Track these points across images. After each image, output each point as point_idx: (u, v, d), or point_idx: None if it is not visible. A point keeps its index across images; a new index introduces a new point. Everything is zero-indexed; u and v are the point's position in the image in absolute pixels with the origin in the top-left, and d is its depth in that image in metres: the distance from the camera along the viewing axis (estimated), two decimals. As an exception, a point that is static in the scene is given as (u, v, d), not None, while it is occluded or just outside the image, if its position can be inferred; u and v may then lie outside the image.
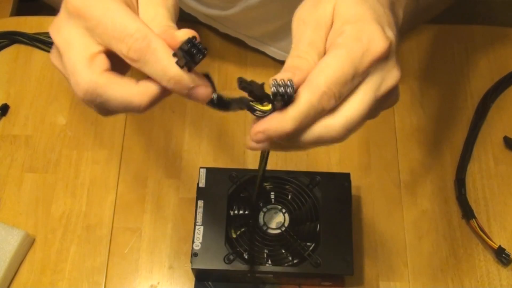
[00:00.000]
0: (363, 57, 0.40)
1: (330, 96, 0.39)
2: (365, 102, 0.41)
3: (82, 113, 0.80)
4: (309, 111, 0.39)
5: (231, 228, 0.67)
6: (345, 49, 0.40)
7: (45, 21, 0.86)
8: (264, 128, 0.40)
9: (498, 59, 0.84)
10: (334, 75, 0.39)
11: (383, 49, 0.41)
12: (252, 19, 0.76)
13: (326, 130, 0.40)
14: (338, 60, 0.40)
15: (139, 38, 0.39)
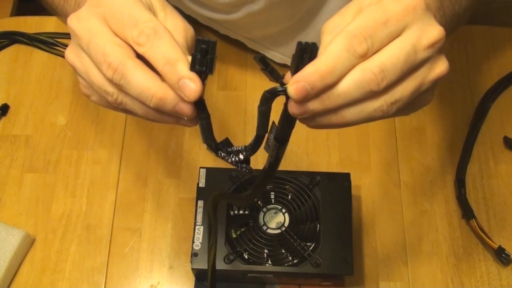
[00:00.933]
0: (395, 5, 0.39)
1: (360, 39, 0.38)
2: (402, 49, 0.39)
3: (82, 113, 0.80)
4: (341, 53, 0.38)
5: (231, 228, 0.67)
6: (374, 5, 0.39)
7: (45, 21, 0.86)
8: (299, 78, 0.37)
9: (498, 59, 0.84)
10: (364, 19, 0.38)
11: (439, 34, 0.40)
12: (254, 23, 0.77)
13: (363, 74, 0.38)
14: (369, 11, 0.39)
15: (150, 26, 0.41)
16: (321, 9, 0.73)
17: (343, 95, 0.38)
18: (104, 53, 0.41)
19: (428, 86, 0.42)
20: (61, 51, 0.83)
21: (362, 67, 0.38)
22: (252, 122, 0.79)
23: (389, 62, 0.38)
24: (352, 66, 0.38)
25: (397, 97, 0.40)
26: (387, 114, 0.41)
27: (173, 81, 0.40)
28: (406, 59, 0.39)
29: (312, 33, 0.76)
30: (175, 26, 0.44)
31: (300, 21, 0.75)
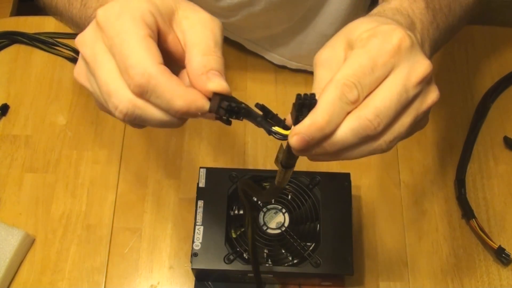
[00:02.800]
0: (380, 49, 0.40)
1: (350, 86, 0.39)
2: (394, 90, 0.40)
3: (82, 113, 0.80)
4: (334, 102, 0.39)
5: (231, 228, 0.67)
6: (360, 49, 0.40)
7: (45, 21, 0.86)
8: (298, 130, 0.39)
9: (498, 59, 0.84)
10: (351, 68, 0.39)
11: (401, 36, 0.40)
12: (253, 25, 0.77)
13: (358, 122, 0.39)
14: (354, 57, 0.40)
15: (139, 73, 0.38)
16: (320, 10, 0.73)
17: (342, 141, 0.40)
18: (108, 92, 0.40)
19: (423, 116, 0.43)
20: (61, 51, 0.84)
21: (357, 115, 0.39)
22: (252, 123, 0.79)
23: (382, 106, 0.39)
24: (346, 112, 0.39)
25: (395, 135, 0.41)
26: (387, 150, 0.42)
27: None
28: (398, 99, 0.40)
29: (311, 34, 0.76)
30: (201, 20, 0.42)
31: (299, 22, 0.75)
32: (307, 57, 0.80)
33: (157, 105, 0.39)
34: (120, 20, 0.39)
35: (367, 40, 0.40)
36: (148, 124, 0.41)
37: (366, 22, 0.42)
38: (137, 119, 0.40)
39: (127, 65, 0.38)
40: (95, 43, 0.40)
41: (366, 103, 0.40)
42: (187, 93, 0.39)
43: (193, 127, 0.79)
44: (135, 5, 0.40)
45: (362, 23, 0.42)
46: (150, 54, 0.39)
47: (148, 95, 0.39)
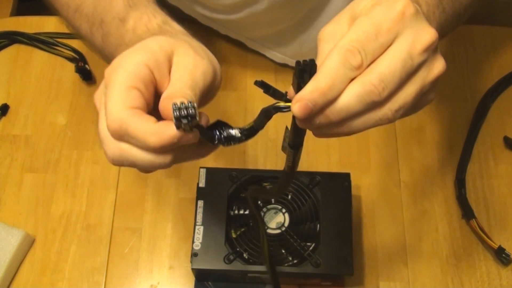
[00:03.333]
0: (384, 15, 0.39)
1: (354, 52, 0.39)
2: (398, 56, 0.39)
3: (82, 113, 0.80)
4: (337, 67, 0.39)
5: (231, 228, 0.67)
6: (364, 16, 0.40)
7: (45, 21, 0.86)
8: (300, 96, 0.38)
9: (498, 59, 0.84)
10: (355, 34, 0.39)
11: (405, 4, 0.40)
12: (255, 23, 0.76)
13: (363, 87, 0.39)
14: (358, 24, 0.40)
15: (112, 119, 0.40)
16: (323, 9, 0.73)
17: (346, 108, 0.39)
18: (101, 140, 0.42)
19: (429, 86, 0.42)
20: (61, 51, 0.84)
21: (362, 80, 0.39)
22: (252, 122, 0.79)
23: (387, 71, 0.39)
24: (349, 79, 0.39)
25: (401, 103, 0.41)
26: (393, 120, 0.41)
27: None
28: (403, 65, 0.40)
29: (314, 33, 0.76)
30: (185, 65, 0.43)
31: (301, 21, 0.75)
32: (309, 56, 0.80)
33: (136, 146, 0.41)
34: (114, 73, 0.42)
35: (371, 8, 0.40)
36: (138, 167, 0.42)
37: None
38: (125, 162, 0.42)
39: (106, 113, 0.41)
40: (101, 97, 0.43)
41: (370, 69, 0.39)
42: (156, 126, 0.40)
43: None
44: (131, 59, 0.42)
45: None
46: (123, 101, 0.40)
47: (125, 138, 0.40)
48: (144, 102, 0.41)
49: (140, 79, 0.41)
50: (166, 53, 0.43)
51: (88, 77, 0.81)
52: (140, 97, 0.41)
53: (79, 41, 0.84)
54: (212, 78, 0.44)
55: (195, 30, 0.48)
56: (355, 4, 0.42)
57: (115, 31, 0.51)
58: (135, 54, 0.43)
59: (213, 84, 0.45)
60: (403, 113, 0.41)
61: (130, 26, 0.49)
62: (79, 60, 0.82)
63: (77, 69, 0.81)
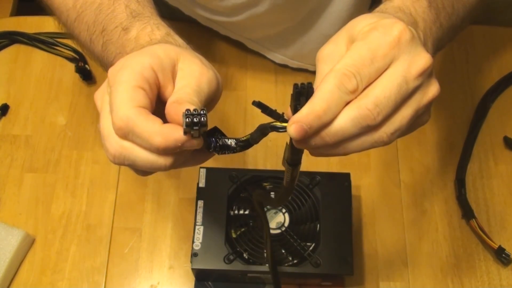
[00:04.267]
0: (380, 40, 0.40)
1: (349, 76, 0.39)
2: (394, 81, 0.40)
3: (82, 113, 0.80)
4: (332, 91, 0.39)
5: (231, 228, 0.67)
6: (360, 41, 0.41)
7: (45, 21, 0.86)
8: (296, 119, 0.39)
9: (498, 59, 0.84)
10: (351, 58, 0.40)
11: (401, 29, 0.40)
12: (256, 24, 0.77)
13: (358, 111, 0.39)
14: (355, 49, 0.40)
15: (118, 117, 0.41)
16: (323, 11, 0.73)
17: (341, 131, 0.40)
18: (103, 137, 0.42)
19: (424, 109, 0.43)
20: (61, 51, 0.83)
21: (357, 105, 0.40)
22: (252, 122, 0.79)
23: (382, 96, 0.39)
24: (345, 102, 0.40)
25: (396, 127, 0.41)
26: (388, 142, 0.42)
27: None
28: (398, 90, 0.40)
29: (314, 34, 0.76)
30: (191, 72, 0.44)
31: (302, 23, 0.76)
32: (309, 57, 0.80)
33: (139, 145, 0.41)
34: (120, 72, 0.42)
35: (368, 32, 0.41)
36: (138, 167, 0.43)
37: (368, 18, 0.43)
38: (126, 161, 0.42)
39: (112, 111, 0.41)
40: (103, 95, 0.44)
41: (366, 93, 0.40)
42: (163, 128, 0.40)
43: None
44: (137, 60, 0.43)
45: (364, 19, 0.43)
46: (130, 100, 0.41)
47: (130, 136, 0.41)
48: (149, 102, 0.42)
49: (146, 79, 0.42)
50: (171, 59, 0.44)
51: (88, 77, 0.81)
52: (146, 97, 0.42)
53: (79, 41, 0.84)
54: (216, 88, 0.45)
55: (196, 31, 0.48)
56: (353, 24, 0.43)
57: (116, 40, 0.51)
58: (141, 56, 0.43)
59: (216, 94, 0.46)
60: (398, 135, 0.42)
61: (133, 36, 0.50)
62: (79, 60, 0.82)
63: (77, 69, 0.81)
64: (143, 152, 0.41)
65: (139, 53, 0.44)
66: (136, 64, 0.42)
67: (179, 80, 0.44)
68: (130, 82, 0.42)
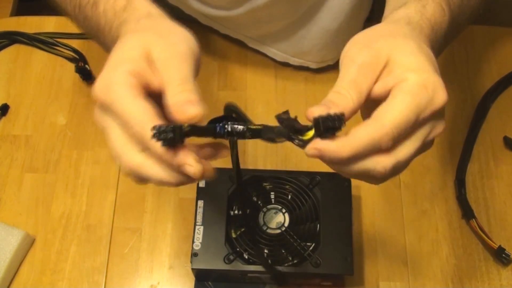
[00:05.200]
0: (427, 107, 0.42)
1: (390, 137, 0.41)
2: (415, 148, 0.43)
3: (82, 113, 0.80)
4: (368, 145, 0.41)
5: (231, 228, 0.67)
6: (411, 96, 0.41)
7: (45, 21, 0.86)
8: (322, 148, 0.41)
9: (498, 59, 0.84)
10: (399, 117, 0.41)
11: (444, 101, 0.42)
12: (255, 20, 0.76)
13: (375, 166, 0.42)
14: (405, 105, 0.41)
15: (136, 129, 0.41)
16: (323, 4, 0.73)
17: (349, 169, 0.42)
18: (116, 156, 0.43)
19: (428, 143, 0.45)
20: (61, 51, 0.84)
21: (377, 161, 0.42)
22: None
23: (403, 158, 0.42)
24: (368, 154, 0.41)
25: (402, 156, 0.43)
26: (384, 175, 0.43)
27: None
28: (416, 153, 0.43)
29: (315, 30, 0.76)
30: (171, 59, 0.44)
31: (302, 17, 0.75)
32: (310, 53, 0.80)
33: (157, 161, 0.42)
34: (111, 91, 0.42)
35: (418, 90, 0.41)
36: (151, 181, 0.43)
37: (412, 43, 0.44)
38: (143, 174, 0.43)
39: (128, 124, 0.41)
40: (102, 118, 0.44)
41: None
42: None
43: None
44: (117, 73, 0.43)
45: (407, 43, 0.44)
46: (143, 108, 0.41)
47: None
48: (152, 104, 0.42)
49: (137, 87, 0.42)
50: (144, 55, 0.44)
51: (88, 77, 0.81)
52: (149, 101, 0.42)
53: (79, 41, 0.84)
54: (194, 57, 0.45)
55: (195, 30, 0.48)
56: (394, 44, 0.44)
57: (91, 15, 0.52)
58: (117, 67, 0.43)
59: (197, 61, 0.46)
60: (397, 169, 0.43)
61: (101, 10, 0.50)
62: (79, 60, 0.82)
63: (77, 69, 0.81)
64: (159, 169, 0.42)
65: (113, 67, 0.43)
66: (120, 78, 0.42)
67: (161, 69, 0.44)
68: (129, 93, 0.42)
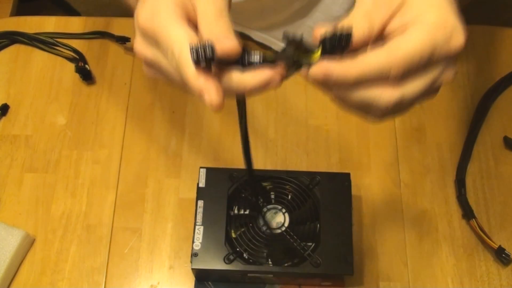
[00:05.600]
0: (443, 46, 0.41)
1: (401, 67, 0.40)
2: (423, 86, 0.41)
3: (82, 113, 0.80)
4: (377, 71, 0.40)
5: (231, 228, 0.67)
6: (428, 32, 0.40)
7: (45, 21, 0.86)
8: (328, 68, 0.39)
9: (498, 59, 0.84)
10: (413, 50, 0.40)
11: (461, 44, 0.41)
12: (260, 8, 0.75)
13: (379, 97, 0.40)
14: (421, 39, 0.40)
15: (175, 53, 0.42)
16: None
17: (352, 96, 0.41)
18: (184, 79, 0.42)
19: (437, 86, 0.43)
20: (61, 51, 0.84)
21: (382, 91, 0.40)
22: (252, 122, 0.79)
23: (409, 95, 0.41)
24: (374, 82, 0.40)
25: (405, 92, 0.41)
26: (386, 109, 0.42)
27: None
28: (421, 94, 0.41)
29: (321, 17, 0.75)
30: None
31: (308, 4, 0.74)
32: None
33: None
34: (158, 16, 0.43)
35: (436, 27, 0.40)
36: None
37: None
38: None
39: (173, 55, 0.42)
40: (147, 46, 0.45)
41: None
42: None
43: (193, 127, 0.79)
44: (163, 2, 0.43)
45: None
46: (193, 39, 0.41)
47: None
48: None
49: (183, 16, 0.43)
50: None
51: (88, 77, 0.81)
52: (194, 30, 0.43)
53: (79, 41, 0.84)
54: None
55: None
56: None
57: None
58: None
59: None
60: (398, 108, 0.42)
61: None
62: (79, 60, 0.82)
63: (77, 69, 0.81)
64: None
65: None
66: (168, 6, 0.43)
67: (198, 2, 0.44)
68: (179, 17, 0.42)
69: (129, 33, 0.83)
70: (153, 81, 0.82)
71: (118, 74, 0.83)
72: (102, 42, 0.84)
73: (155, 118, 0.80)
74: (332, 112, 0.80)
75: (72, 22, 0.86)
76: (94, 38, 0.85)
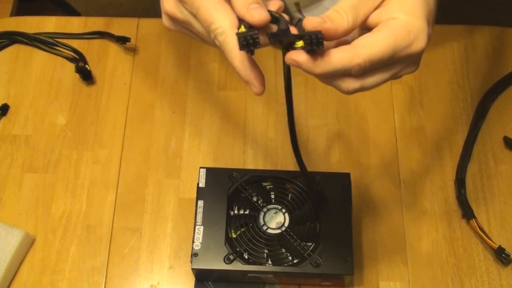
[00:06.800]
0: (404, 49, 0.45)
1: (362, 67, 0.44)
2: (382, 80, 0.47)
3: (82, 113, 0.80)
4: (339, 70, 0.44)
5: (231, 228, 0.67)
6: (393, 36, 0.45)
7: (45, 21, 0.86)
8: (298, 61, 0.44)
9: (498, 59, 0.84)
10: (375, 53, 0.44)
11: (421, 48, 0.46)
12: None
13: (341, 84, 0.46)
14: (384, 43, 0.44)
15: (219, 33, 0.45)
16: None
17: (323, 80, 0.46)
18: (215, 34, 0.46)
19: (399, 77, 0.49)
20: (61, 51, 0.84)
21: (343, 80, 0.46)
22: (252, 122, 0.79)
23: (369, 85, 0.47)
24: (339, 75, 0.45)
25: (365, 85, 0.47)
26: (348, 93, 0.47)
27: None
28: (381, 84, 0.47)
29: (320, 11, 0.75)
30: None
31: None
32: None
33: None
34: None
35: (402, 32, 0.45)
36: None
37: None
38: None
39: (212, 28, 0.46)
40: (179, 11, 0.48)
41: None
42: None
43: (193, 127, 0.79)
44: None
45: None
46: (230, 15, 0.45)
47: None
48: None
49: None
50: None
51: (88, 77, 0.81)
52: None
53: (79, 41, 0.84)
54: None
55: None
56: None
57: None
58: None
59: None
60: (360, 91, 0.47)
61: None
62: (79, 60, 0.82)
63: (77, 69, 0.81)
64: None
65: None
66: None
67: None
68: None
69: (129, 33, 0.83)
70: (153, 81, 0.82)
71: (118, 74, 0.83)
72: (102, 42, 0.85)
73: (155, 118, 0.80)
74: (332, 112, 0.80)
75: (72, 22, 0.86)
76: (94, 38, 0.85)
